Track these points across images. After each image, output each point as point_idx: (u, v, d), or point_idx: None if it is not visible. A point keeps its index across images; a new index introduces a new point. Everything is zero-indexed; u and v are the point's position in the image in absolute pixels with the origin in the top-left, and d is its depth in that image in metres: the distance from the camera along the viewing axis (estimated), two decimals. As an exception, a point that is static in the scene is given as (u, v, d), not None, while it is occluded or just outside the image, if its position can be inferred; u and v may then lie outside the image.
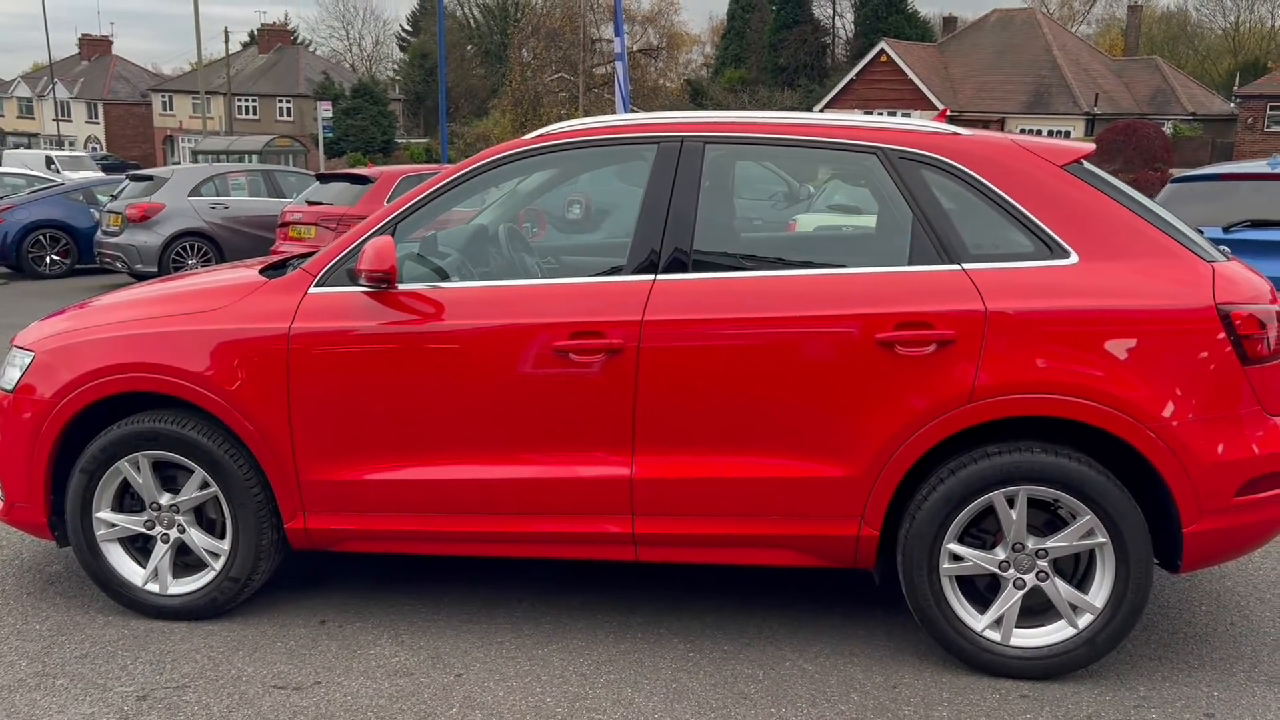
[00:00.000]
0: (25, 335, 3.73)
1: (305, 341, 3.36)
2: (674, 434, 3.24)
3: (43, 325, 3.74)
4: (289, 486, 3.44)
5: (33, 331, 3.73)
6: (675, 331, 3.20)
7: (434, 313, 3.35)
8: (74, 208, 14.82)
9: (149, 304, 3.62)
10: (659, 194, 3.34)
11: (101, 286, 13.29)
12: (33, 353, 3.59)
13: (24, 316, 10.88)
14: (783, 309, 3.17)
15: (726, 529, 3.27)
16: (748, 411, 3.19)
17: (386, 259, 3.24)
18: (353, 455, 3.39)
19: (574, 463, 3.30)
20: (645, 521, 3.29)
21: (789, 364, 3.16)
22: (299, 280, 3.47)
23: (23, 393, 3.56)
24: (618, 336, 3.21)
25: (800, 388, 3.15)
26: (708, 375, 3.19)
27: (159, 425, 3.46)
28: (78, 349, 3.52)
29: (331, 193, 11.43)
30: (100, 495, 3.56)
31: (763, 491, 3.22)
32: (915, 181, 3.23)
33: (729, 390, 3.19)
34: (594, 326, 3.23)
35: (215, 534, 3.58)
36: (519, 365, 3.28)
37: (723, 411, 3.20)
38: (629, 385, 3.22)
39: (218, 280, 3.78)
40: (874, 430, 3.12)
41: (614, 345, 3.21)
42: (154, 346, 3.44)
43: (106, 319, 3.59)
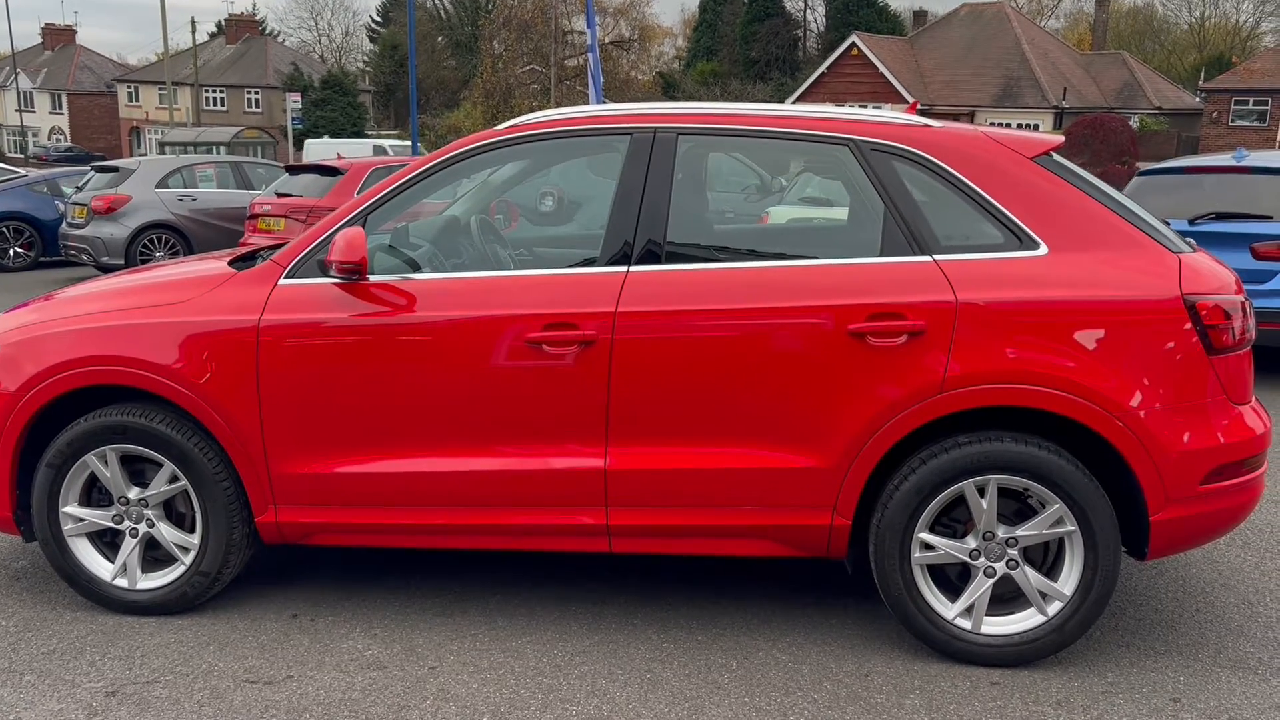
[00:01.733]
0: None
1: (275, 333, 3.33)
2: (648, 425, 3.24)
3: (6, 318, 3.69)
4: (259, 480, 3.41)
5: (3, 320, 3.67)
6: (648, 323, 3.20)
7: (405, 304, 3.33)
8: (38, 199, 14.60)
9: (116, 296, 3.57)
10: (632, 185, 3.34)
11: (67, 279, 13.11)
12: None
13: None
14: (755, 300, 3.18)
15: (700, 520, 3.28)
16: (721, 402, 3.20)
17: (357, 250, 3.21)
18: (324, 448, 3.37)
19: (547, 454, 3.30)
20: (619, 513, 3.30)
21: (762, 355, 3.17)
22: (268, 272, 3.44)
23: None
24: (591, 328, 3.21)
25: (773, 379, 3.16)
26: (681, 366, 3.20)
27: (127, 419, 3.42)
28: (43, 342, 3.47)
29: (301, 184, 11.33)
30: (67, 490, 3.51)
31: (736, 482, 3.23)
32: (887, 173, 3.25)
33: (702, 381, 3.19)
34: (567, 318, 3.23)
35: (185, 528, 3.55)
36: (492, 357, 3.27)
37: (696, 402, 3.21)
38: (602, 377, 3.22)
39: (186, 272, 3.74)
40: (846, 421, 3.14)
41: (587, 337, 3.20)
42: (121, 339, 3.40)
43: (73, 311, 3.54)
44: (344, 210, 3.49)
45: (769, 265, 3.30)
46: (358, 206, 3.47)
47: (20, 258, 14.41)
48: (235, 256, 3.90)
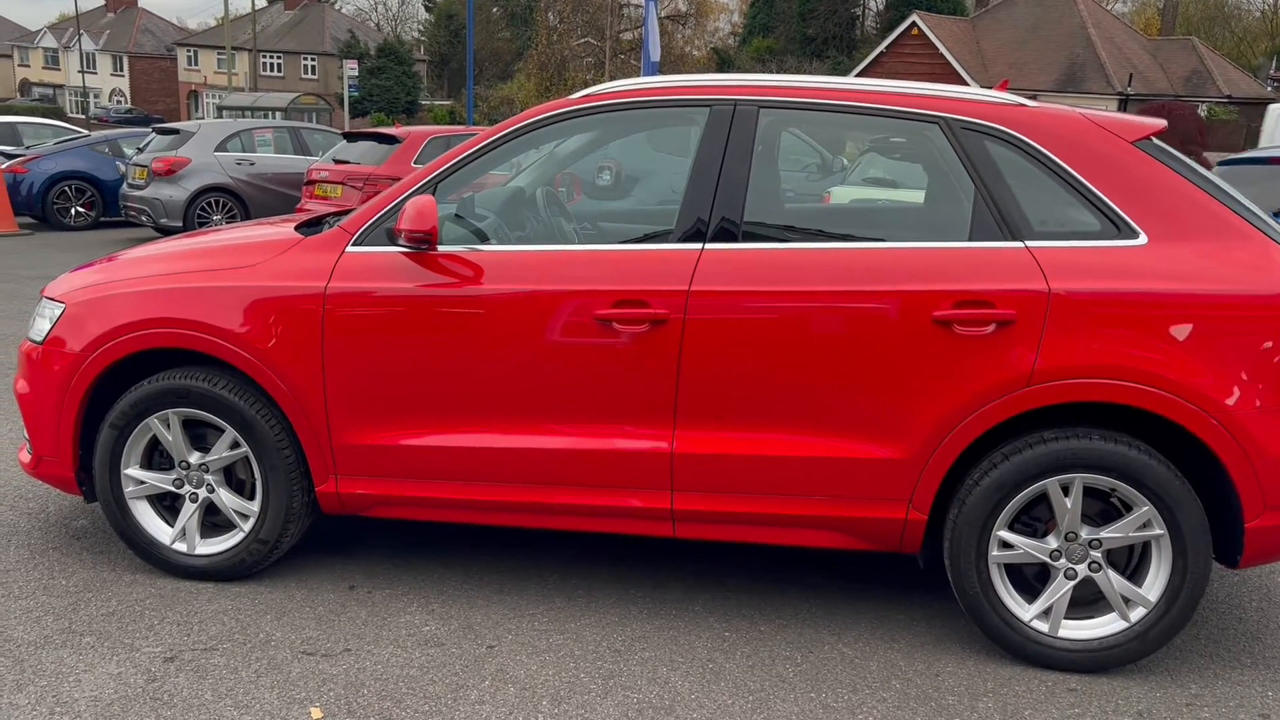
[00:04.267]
0: (55, 286, 3.66)
1: (341, 301, 3.27)
2: (718, 408, 3.14)
3: (73, 277, 3.67)
4: (321, 449, 3.37)
5: (63, 283, 3.65)
6: (723, 303, 3.10)
7: (473, 276, 3.25)
8: (100, 160, 14.76)
9: (182, 258, 3.53)
10: (709, 160, 3.22)
11: (126, 240, 13.26)
12: (63, 304, 3.52)
13: (49, 268, 10.89)
14: (835, 283, 3.06)
15: (768, 508, 3.18)
16: (795, 388, 3.09)
17: (428, 219, 3.14)
18: (387, 419, 3.31)
19: (613, 434, 3.21)
20: (685, 497, 3.21)
21: (840, 340, 3.05)
22: (336, 238, 3.38)
23: (52, 345, 3.50)
24: (663, 306, 3.11)
25: (851, 365, 3.05)
26: (755, 349, 3.09)
27: (190, 383, 3.39)
28: (109, 302, 3.44)
29: (358, 152, 11.34)
30: (129, 452, 3.50)
31: (808, 471, 3.12)
32: (978, 153, 3.10)
33: (777, 366, 3.09)
34: (639, 295, 3.13)
35: (245, 495, 3.52)
36: (559, 333, 3.19)
37: (769, 387, 3.10)
38: (673, 357, 3.13)
39: (252, 236, 3.70)
40: (927, 411, 3.02)
41: (659, 315, 3.11)
42: (187, 302, 3.36)
43: (138, 272, 3.51)
44: (413, 178, 3.42)
45: (850, 247, 3.17)
46: (427, 174, 3.39)
47: (81, 217, 14.61)
48: (302, 222, 3.85)
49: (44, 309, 3.62)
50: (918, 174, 7.56)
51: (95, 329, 3.42)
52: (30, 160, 14.43)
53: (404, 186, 3.39)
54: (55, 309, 3.54)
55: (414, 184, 3.38)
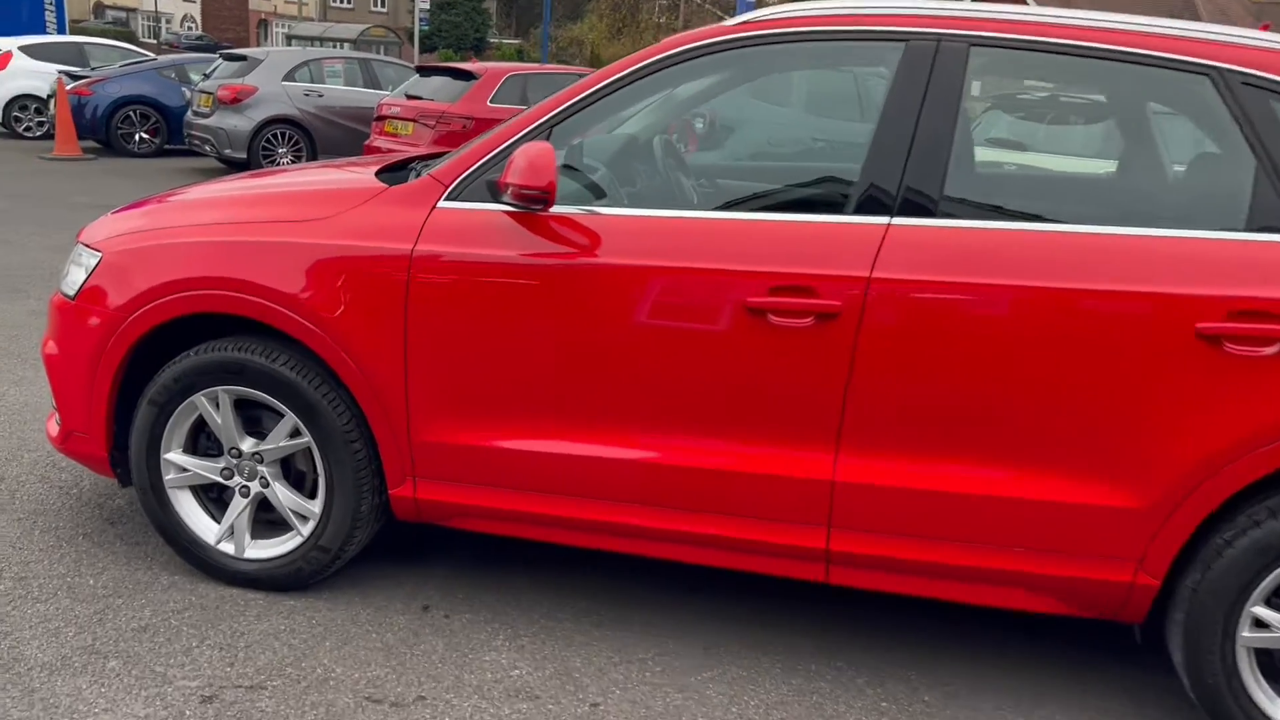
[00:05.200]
0: (93, 231, 3.09)
1: (431, 268, 2.66)
2: (895, 429, 2.49)
3: (115, 220, 3.09)
4: (399, 445, 2.78)
5: (102, 227, 3.08)
6: (914, 296, 2.43)
7: (591, 245, 2.61)
8: (165, 85, 14.32)
9: (242, 205, 2.93)
10: (902, 110, 2.53)
11: (189, 171, 12.82)
12: (100, 253, 2.95)
13: (108, 196, 10.46)
14: (1066, 278, 2.37)
15: (951, 558, 2.52)
16: (1001, 410, 2.42)
17: (544, 173, 2.49)
18: (481, 415, 2.71)
19: (758, 453, 2.58)
20: (844, 536, 2.57)
21: (1069, 352, 2.36)
22: (426, 190, 2.75)
23: (86, 300, 2.93)
24: (835, 296, 2.45)
25: (1081, 385, 2.37)
26: (952, 358, 2.42)
27: (246, 356, 2.80)
28: (154, 253, 2.86)
29: (432, 87, 10.71)
30: (171, 433, 2.94)
31: (1008, 515, 2.46)
32: (1263, 116, 2.38)
33: (979, 379, 2.41)
34: (803, 280, 2.47)
35: (304, 492, 2.95)
36: (699, 322, 2.54)
37: (966, 407, 2.43)
38: (843, 361, 2.47)
39: (325, 182, 3.08)
40: (1179, 450, 2.33)
41: (829, 307, 2.45)
42: (245, 259, 2.76)
43: (191, 219, 2.92)
44: (520, 120, 2.77)
45: (1084, 231, 2.46)
46: (538, 116, 2.74)
47: (145, 144, 14.20)
48: (384, 167, 3.23)
49: (79, 256, 3.06)
50: (1077, 138, 6.72)
51: (136, 285, 2.85)
52: (96, 82, 14.02)
53: (510, 130, 2.75)
54: (91, 257, 2.97)
55: (522, 127, 2.74)
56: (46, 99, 15.55)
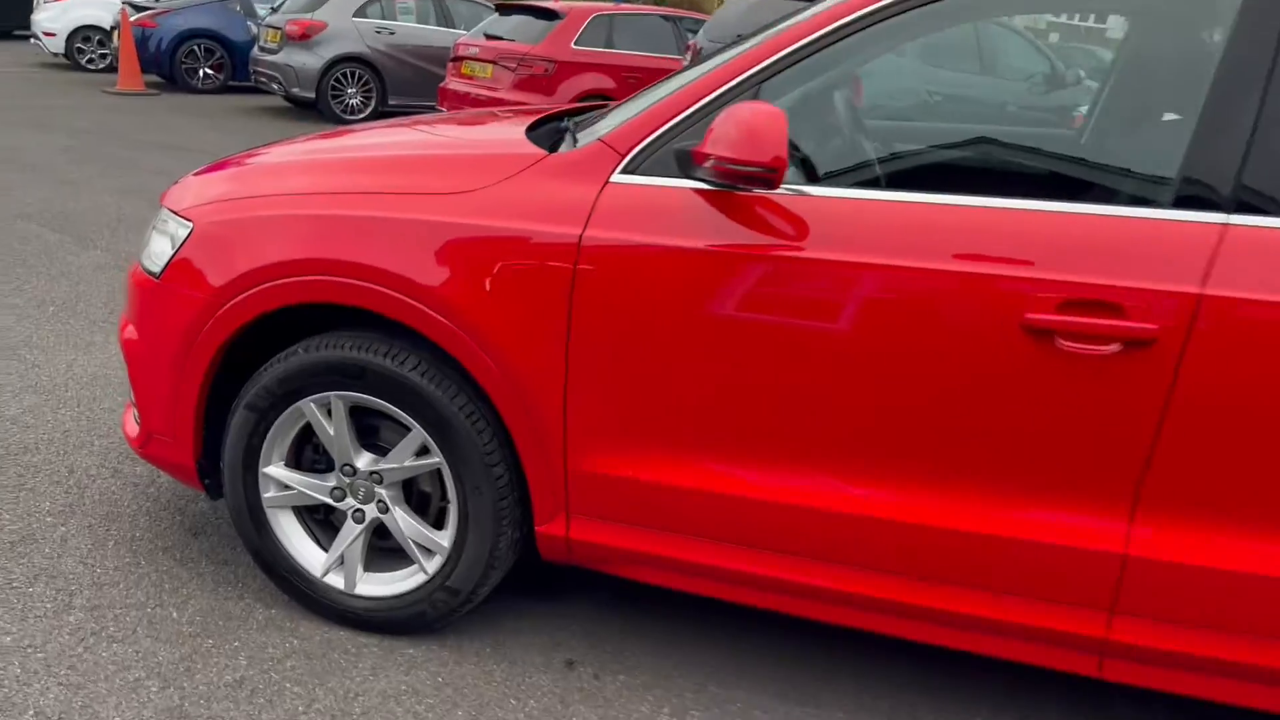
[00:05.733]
0: (179, 195, 2.56)
1: (603, 258, 2.10)
2: (1215, 495, 1.91)
3: (205, 182, 2.56)
4: (551, 473, 2.25)
5: (189, 191, 2.55)
6: (1262, 322, 1.83)
7: (807, 237, 2.04)
8: (231, 18, 13.80)
9: (368, 170, 2.38)
10: (1243, 72, 1.92)
11: (255, 109, 12.34)
12: (190, 223, 2.43)
13: (176, 134, 10.00)
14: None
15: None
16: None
17: (772, 143, 1.91)
18: (659, 444, 2.17)
19: (1026, 515, 2.01)
20: (1129, 624, 2.01)
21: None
22: (597, 159, 2.19)
23: (174, 279, 2.42)
24: (1150, 317, 1.86)
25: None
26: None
27: (367, 357, 2.28)
28: (259, 227, 2.33)
29: (511, 27, 10.09)
30: (272, 444, 2.44)
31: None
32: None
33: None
34: (1109, 295, 1.88)
35: (427, 518, 2.45)
36: (953, 342, 1.97)
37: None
38: (1154, 402, 1.89)
39: (466, 142, 2.52)
40: None
41: (1141, 332, 1.86)
42: (373, 238, 2.22)
43: (301, 184, 2.38)
44: (715, 75, 2.18)
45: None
46: (739, 70, 2.15)
47: (209, 80, 13.74)
48: (532, 123, 2.67)
49: (164, 223, 2.54)
50: None
51: (237, 264, 2.33)
52: (160, 14, 13.53)
53: (701, 87, 2.16)
54: (180, 227, 2.45)
55: (718, 83, 2.14)
56: (110, 30, 15.13)
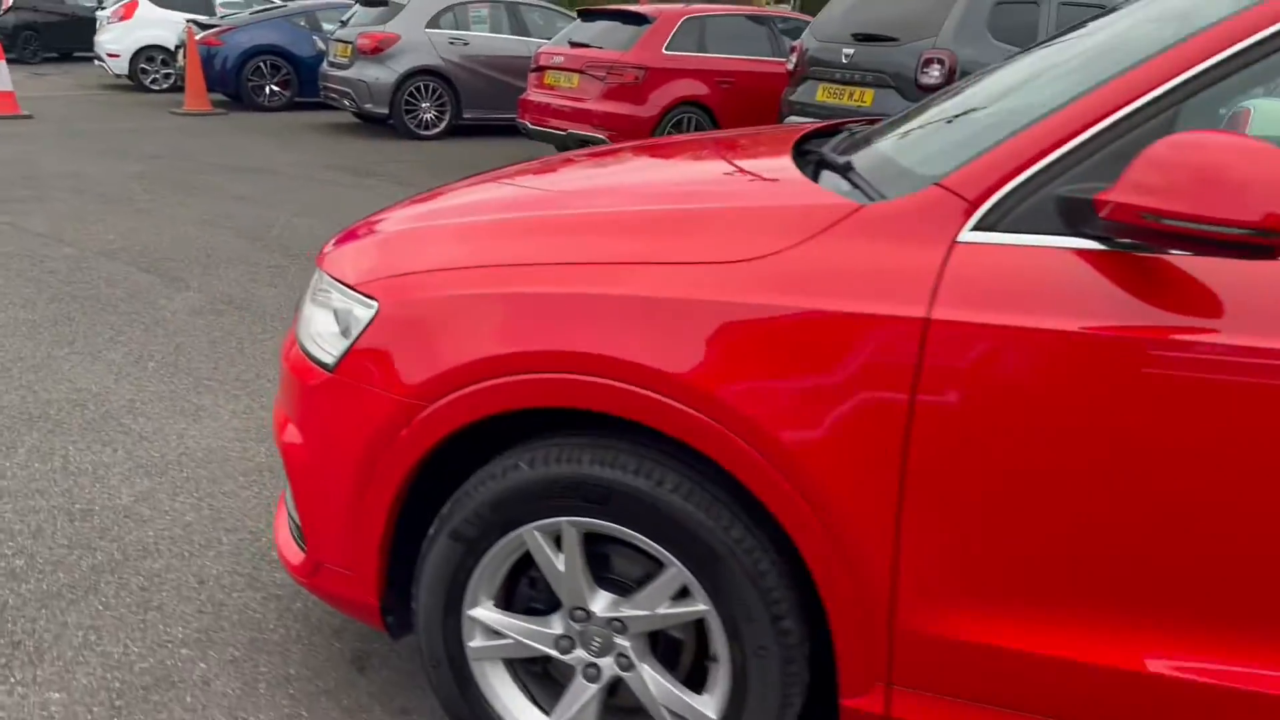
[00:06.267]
0: (348, 262, 2.03)
1: (961, 349, 1.52)
2: None
3: (380, 249, 2.01)
4: (869, 634, 1.68)
5: (362, 258, 2.01)
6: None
7: (1207, 308, 1.45)
8: (297, 33, 13.47)
9: (600, 231, 1.82)
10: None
11: (327, 126, 11.95)
12: (375, 302, 1.89)
13: (251, 155, 9.58)
14: None
15: None
16: None
17: (1265, 193, 1.33)
18: (1035, 598, 1.59)
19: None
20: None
21: None
22: (935, 210, 1.61)
23: (357, 373, 1.89)
24: None
25: None
26: None
27: (616, 475, 1.73)
28: (468, 309, 1.79)
29: (595, 33, 9.58)
30: (480, 580, 1.90)
31: None
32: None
33: None
34: None
35: (676, 672, 1.89)
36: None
37: None
38: None
39: (728, 186, 1.96)
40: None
41: None
42: (626, 324, 1.67)
43: (516, 253, 1.83)
44: (1110, 92, 1.59)
45: None
46: (1148, 85, 1.56)
47: (276, 96, 13.41)
48: (797, 140, 2.11)
49: (326, 294, 2.02)
50: None
51: (444, 356, 1.79)
52: (225, 32, 13.23)
53: (1089, 110, 1.57)
54: (358, 306, 1.92)
55: (1117, 103, 1.56)
56: (174, 50, 14.87)
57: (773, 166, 2.03)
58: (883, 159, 1.92)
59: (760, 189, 1.89)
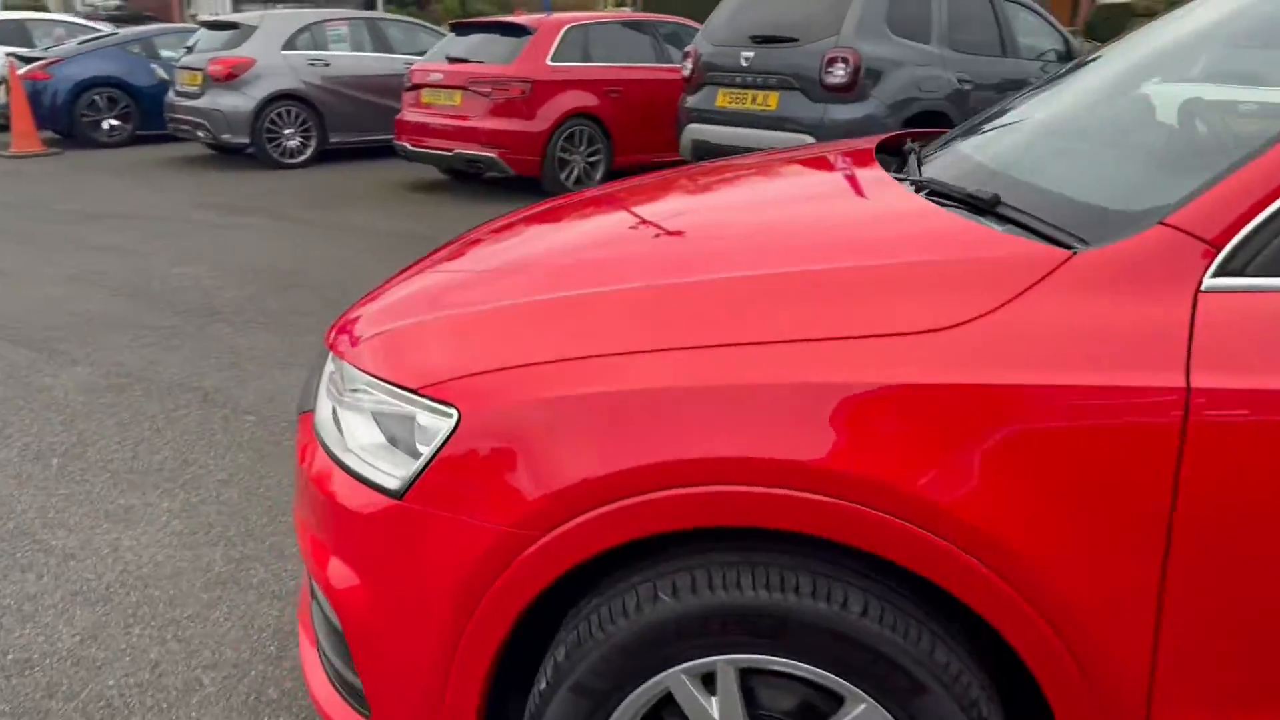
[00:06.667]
0: (401, 351, 1.63)
1: (1233, 420, 1.27)
2: None
3: (443, 331, 1.62)
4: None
5: (420, 345, 1.62)
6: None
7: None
8: (133, 62, 12.50)
9: (735, 297, 1.49)
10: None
11: (178, 160, 11.10)
12: (454, 410, 1.50)
13: (105, 199, 8.68)
14: None
15: None
16: None
17: None
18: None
19: None
20: None
21: None
22: (1166, 255, 1.35)
23: (435, 500, 1.50)
24: None
25: None
26: None
27: (792, 599, 1.41)
28: (578, 410, 1.43)
29: (472, 47, 9.17)
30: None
31: None
32: None
33: None
34: None
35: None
36: None
37: None
38: None
39: (888, 237, 1.63)
40: None
41: None
42: (791, 417, 1.34)
43: (631, 336, 1.46)
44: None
45: None
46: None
47: (116, 131, 12.42)
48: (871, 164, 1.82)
49: (374, 399, 1.62)
50: None
51: (556, 475, 1.43)
52: (53, 64, 12.16)
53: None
54: (430, 415, 1.53)
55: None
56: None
57: (899, 201, 1.74)
58: (1044, 192, 1.65)
59: (919, 234, 1.59)
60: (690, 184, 2.25)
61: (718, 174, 2.35)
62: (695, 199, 2.12)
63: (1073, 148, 1.87)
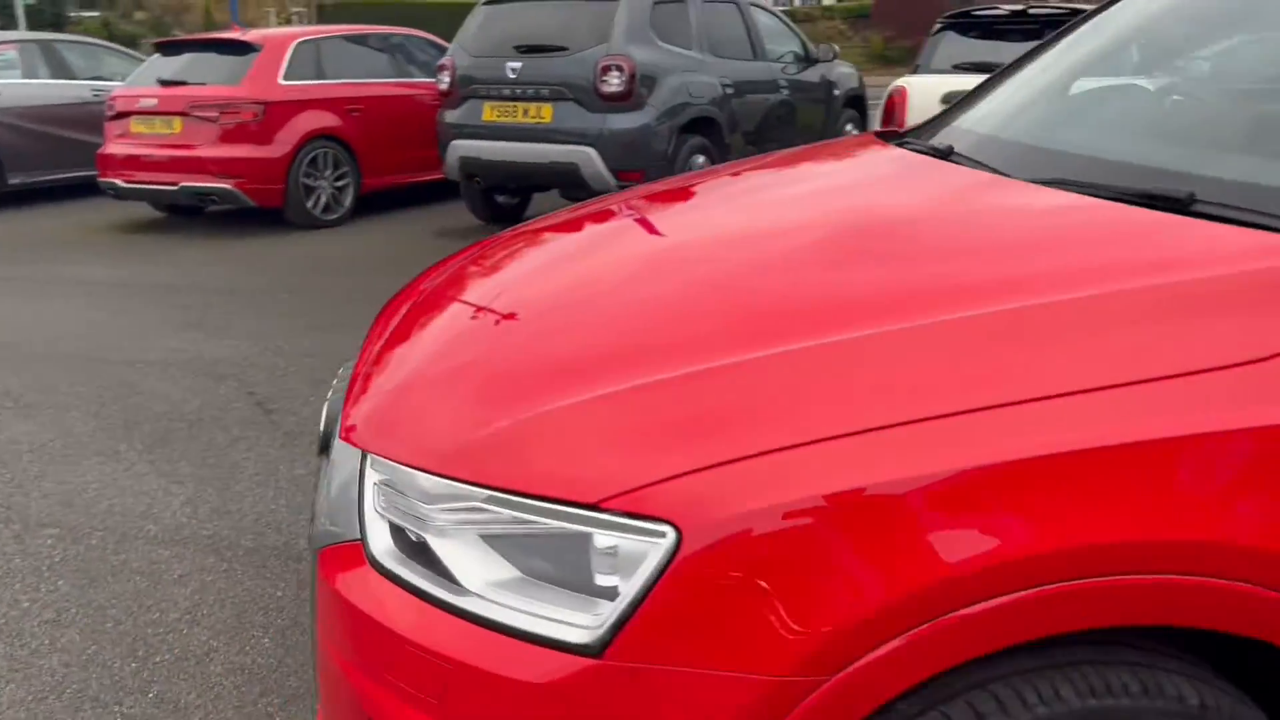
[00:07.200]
0: (562, 447, 1.21)
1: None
2: None
3: (618, 405, 1.22)
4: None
5: (583, 427, 1.22)
6: None
7: None
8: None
9: (1015, 339, 1.21)
10: None
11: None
12: (669, 528, 1.11)
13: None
14: None
15: None
16: None
17: None
18: None
19: None
20: None
21: None
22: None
23: (654, 653, 1.11)
24: None
25: None
26: None
27: (1114, 704, 1.15)
28: (864, 506, 1.09)
29: (186, 67, 8.19)
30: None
31: None
32: None
33: None
34: None
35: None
36: None
37: None
38: None
39: (1132, 249, 1.38)
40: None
41: None
42: (1155, 480, 1.09)
43: (931, 393, 1.15)
44: None
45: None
46: None
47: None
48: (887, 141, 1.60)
49: (522, 518, 1.19)
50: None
51: (847, 592, 1.08)
52: None
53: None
54: (627, 537, 1.13)
55: None
56: None
57: (1078, 205, 1.52)
58: (1242, 183, 1.47)
59: (1144, 244, 1.37)
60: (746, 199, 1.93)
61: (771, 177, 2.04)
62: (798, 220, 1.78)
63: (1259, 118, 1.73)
